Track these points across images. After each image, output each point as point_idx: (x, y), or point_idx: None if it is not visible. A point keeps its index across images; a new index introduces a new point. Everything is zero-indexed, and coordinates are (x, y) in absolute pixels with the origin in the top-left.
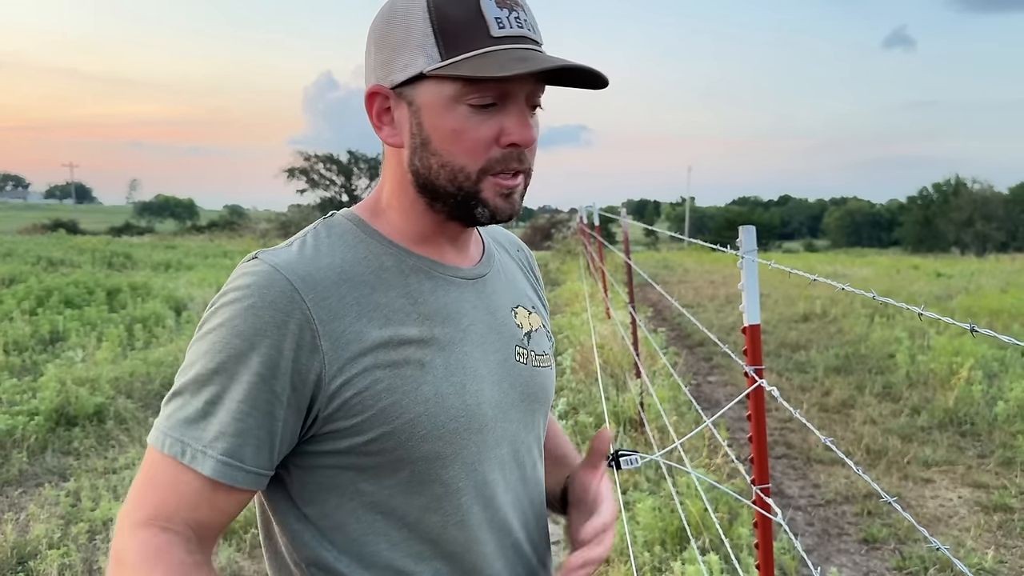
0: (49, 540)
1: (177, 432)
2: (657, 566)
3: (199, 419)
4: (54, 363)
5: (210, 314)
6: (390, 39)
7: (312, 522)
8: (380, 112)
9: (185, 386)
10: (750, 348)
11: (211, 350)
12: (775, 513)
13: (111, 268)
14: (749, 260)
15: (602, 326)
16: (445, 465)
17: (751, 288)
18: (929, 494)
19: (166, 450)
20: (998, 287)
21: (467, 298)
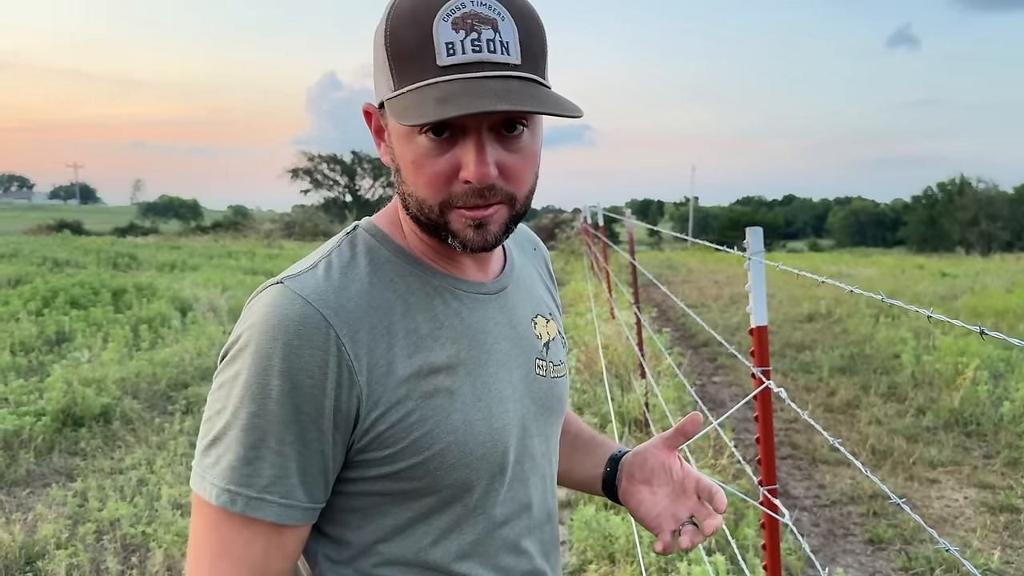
0: (57, 540)
1: (224, 481)
2: (663, 567)
3: (245, 465)
4: (60, 364)
5: (239, 350)
6: (375, 58)
7: (332, 540)
8: (378, 129)
9: (224, 431)
10: (757, 349)
11: (248, 392)
12: (782, 514)
13: (116, 269)
14: (756, 262)
15: (606, 326)
16: (470, 489)
17: (758, 290)
18: (935, 495)
19: (228, 507)
20: (1003, 287)
21: (491, 315)
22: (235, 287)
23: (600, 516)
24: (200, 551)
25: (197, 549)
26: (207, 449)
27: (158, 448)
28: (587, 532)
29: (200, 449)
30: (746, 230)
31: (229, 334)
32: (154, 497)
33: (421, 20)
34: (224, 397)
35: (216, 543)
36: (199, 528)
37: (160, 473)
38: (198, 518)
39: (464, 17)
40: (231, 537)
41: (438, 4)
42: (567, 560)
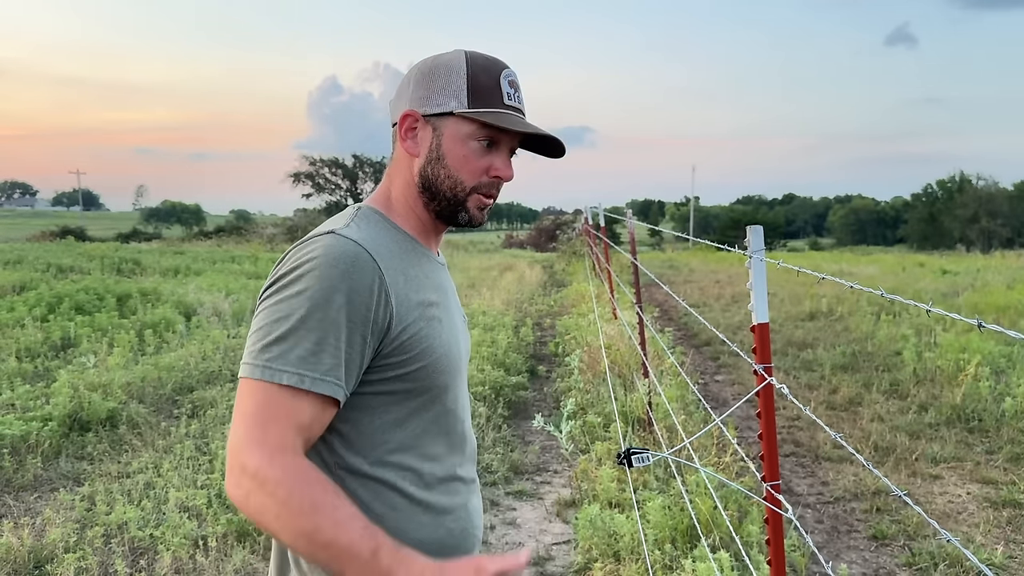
0: (65, 544)
1: (293, 367)
2: (668, 564)
3: (312, 355)
4: (66, 369)
5: (303, 274)
6: (433, 82)
7: (344, 435)
8: (408, 129)
9: (292, 331)
10: (759, 347)
11: (314, 302)
12: (786, 509)
13: (120, 274)
14: (757, 260)
15: (609, 326)
16: (446, 391)
17: (759, 288)
18: (938, 490)
19: (284, 382)
20: (1004, 284)
21: (444, 277)
22: (239, 291)
23: (605, 515)
24: (251, 422)
25: (250, 421)
26: (270, 345)
27: (164, 452)
28: (592, 531)
29: (260, 346)
30: (747, 229)
31: (234, 338)
32: (161, 500)
33: (492, 74)
34: (288, 307)
35: (270, 413)
36: (252, 407)
37: (167, 476)
38: (251, 398)
39: (512, 81)
40: (287, 407)
41: (501, 67)
42: (572, 559)
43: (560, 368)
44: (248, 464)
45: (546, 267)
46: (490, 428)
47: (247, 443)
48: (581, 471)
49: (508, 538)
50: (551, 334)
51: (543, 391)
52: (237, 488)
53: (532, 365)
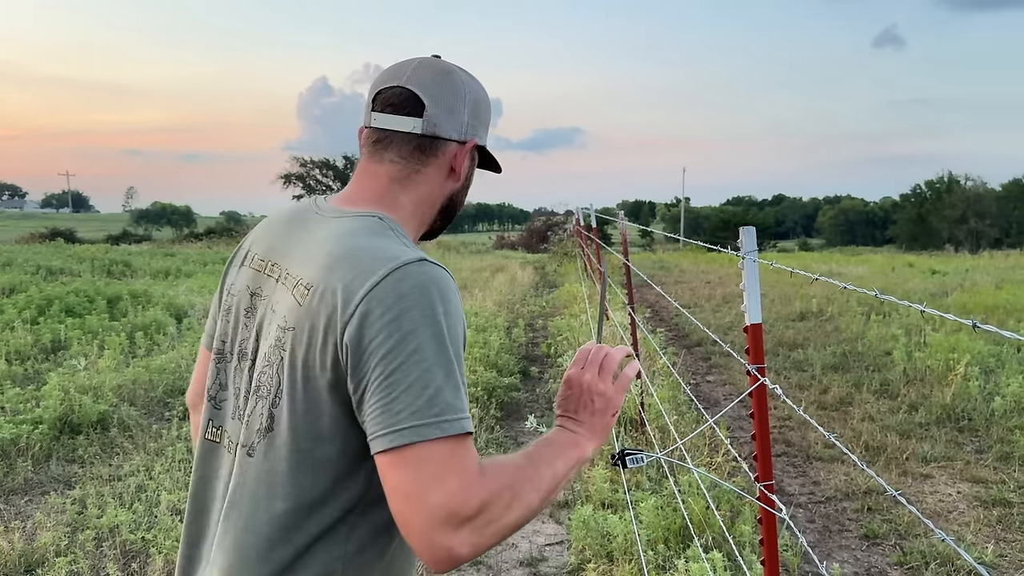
0: (56, 547)
1: (461, 413)
2: (662, 564)
3: (462, 397)
4: (57, 371)
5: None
6: (479, 113)
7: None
8: (469, 150)
9: (448, 378)
10: (752, 347)
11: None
12: (779, 509)
13: (110, 276)
14: (750, 260)
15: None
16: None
17: (752, 288)
18: (928, 489)
19: (463, 430)
20: (992, 283)
21: None
22: None
23: (598, 515)
24: (432, 487)
25: (428, 488)
26: (433, 400)
27: (156, 454)
28: (585, 531)
29: (422, 404)
30: (739, 229)
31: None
32: (153, 503)
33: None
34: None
35: (442, 469)
36: (432, 468)
37: (159, 479)
38: (430, 460)
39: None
40: (454, 456)
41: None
42: (566, 560)
43: (553, 369)
44: (465, 511)
45: (538, 268)
46: (483, 430)
47: (453, 496)
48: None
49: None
50: (543, 335)
51: (535, 392)
52: (462, 545)
53: (524, 366)
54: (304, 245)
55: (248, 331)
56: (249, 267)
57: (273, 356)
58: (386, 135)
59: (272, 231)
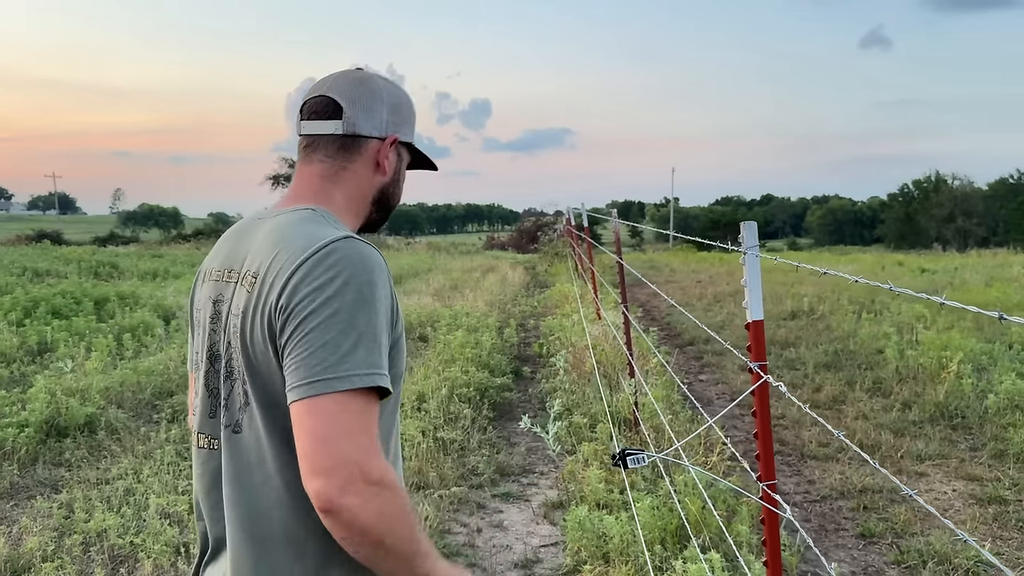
0: (43, 553)
1: (375, 369)
2: (659, 565)
3: (380, 357)
4: (43, 374)
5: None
6: (401, 112)
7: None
8: (388, 146)
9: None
10: (754, 344)
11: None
12: (783, 509)
13: (98, 278)
14: (752, 256)
15: (593, 327)
16: (398, 406)
17: (754, 284)
18: (924, 487)
19: (380, 384)
20: (982, 281)
21: None
22: None
23: (593, 516)
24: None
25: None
26: (346, 356)
27: (144, 457)
28: (580, 532)
29: (335, 360)
30: (741, 225)
31: None
32: (141, 507)
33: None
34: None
35: (366, 414)
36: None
37: (147, 483)
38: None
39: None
40: (373, 410)
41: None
42: (561, 561)
43: (545, 369)
44: (372, 473)
45: (528, 268)
46: (475, 430)
47: (365, 453)
48: (568, 472)
49: (495, 541)
50: (535, 335)
51: (528, 392)
52: (363, 499)
53: (517, 366)
54: (252, 245)
55: (216, 335)
56: (208, 281)
57: (235, 341)
58: (313, 139)
59: (226, 245)
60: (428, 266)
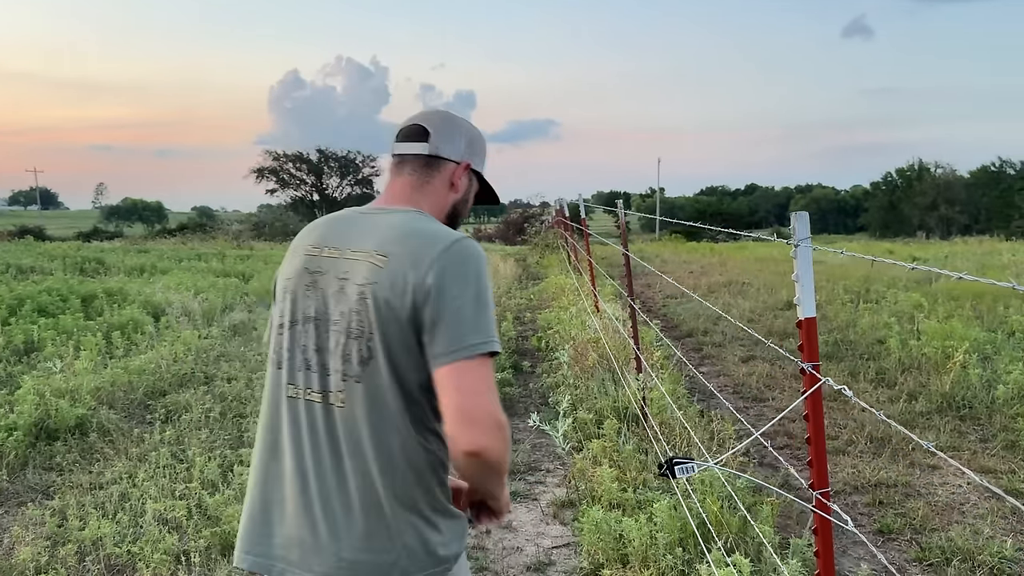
0: (36, 564)
1: (495, 336)
2: (682, 569)
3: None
4: (31, 374)
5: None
6: (475, 145)
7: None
8: (464, 170)
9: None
10: (806, 343)
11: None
12: (846, 520)
13: (83, 274)
14: (804, 248)
15: (592, 320)
16: None
17: (806, 278)
18: (938, 481)
19: (497, 349)
20: (974, 269)
21: None
22: (207, 290)
23: (610, 517)
24: (493, 387)
25: (493, 387)
26: (481, 328)
27: (139, 460)
28: (597, 535)
29: (475, 331)
30: (791, 215)
31: (205, 339)
32: (138, 513)
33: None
34: (482, 295)
35: (491, 374)
36: (483, 376)
37: (143, 487)
38: (480, 370)
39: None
40: (492, 371)
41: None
42: (576, 563)
43: (544, 363)
44: (501, 419)
45: (519, 260)
46: None
47: (497, 403)
48: (578, 471)
49: (505, 542)
50: (532, 328)
51: (528, 387)
52: (498, 441)
53: (515, 360)
54: (361, 230)
55: (309, 300)
56: (304, 255)
57: (359, 306)
58: (404, 157)
59: (318, 229)
60: None
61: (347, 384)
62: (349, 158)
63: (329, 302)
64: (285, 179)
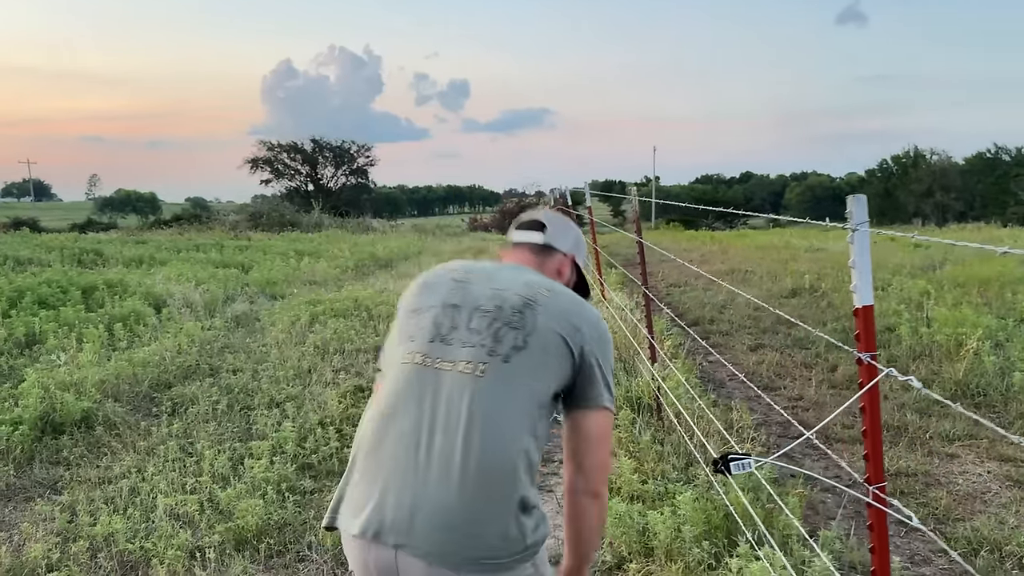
0: (48, 561)
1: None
2: (711, 563)
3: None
4: (34, 367)
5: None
6: (581, 244)
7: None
8: (570, 262)
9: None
10: (863, 332)
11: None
12: (909, 516)
13: (82, 265)
14: (862, 233)
15: (598, 309)
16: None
17: (863, 264)
18: (957, 470)
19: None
20: (973, 256)
21: None
22: (208, 280)
23: (632, 509)
24: (609, 442)
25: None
26: (611, 387)
27: (147, 454)
28: (622, 528)
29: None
30: (848, 199)
31: (209, 331)
32: (149, 508)
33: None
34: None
35: (611, 433)
36: (609, 427)
37: (152, 481)
38: (607, 426)
39: None
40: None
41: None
42: (599, 556)
43: None
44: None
45: None
46: None
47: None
48: None
49: None
50: None
51: None
52: (605, 487)
53: None
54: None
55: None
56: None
57: (522, 306)
58: (523, 244)
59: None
60: (417, 248)
61: (492, 360)
62: (344, 148)
63: (479, 297)
64: (280, 169)
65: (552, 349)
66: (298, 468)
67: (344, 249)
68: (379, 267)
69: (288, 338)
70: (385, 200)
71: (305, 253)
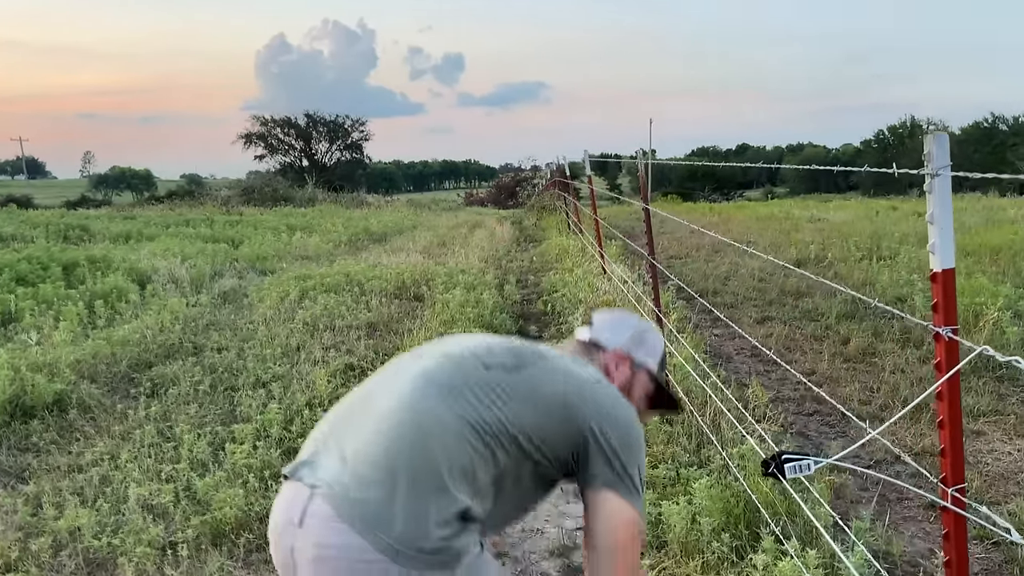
0: (6, 561)
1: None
2: (733, 558)
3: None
4: (6, 347)
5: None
6: (646, 342)
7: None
8: (620, 360)
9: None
10: (943, 302)
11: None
12: (1008, 530)
13: (67, 242)
14: (943, 178)
15: (599, 282)
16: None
17: (944, 217)
18: (985, 448)
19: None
20: (980, 224)
21: None
22: (195, 256)
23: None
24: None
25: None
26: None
27: (122, 439)
28: None
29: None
30: (926, 139)
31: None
32: (120, 498)
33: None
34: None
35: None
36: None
37: (126, 469)
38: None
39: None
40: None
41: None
42: None
43: (552, 328)
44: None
45: (515, 223)
46: None
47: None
48: None
49: (524, 524)
50: (536, 292)
51: None
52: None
53: (522, 325)
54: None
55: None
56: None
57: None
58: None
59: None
60: (412, 223)
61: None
62: (338, 123)
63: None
64: (274, 144)
65: (546, 395)
66: (283, 453)
67: (337, 224)
68: (373, 241)
69: (276, 315)
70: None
71: (297, 228)
